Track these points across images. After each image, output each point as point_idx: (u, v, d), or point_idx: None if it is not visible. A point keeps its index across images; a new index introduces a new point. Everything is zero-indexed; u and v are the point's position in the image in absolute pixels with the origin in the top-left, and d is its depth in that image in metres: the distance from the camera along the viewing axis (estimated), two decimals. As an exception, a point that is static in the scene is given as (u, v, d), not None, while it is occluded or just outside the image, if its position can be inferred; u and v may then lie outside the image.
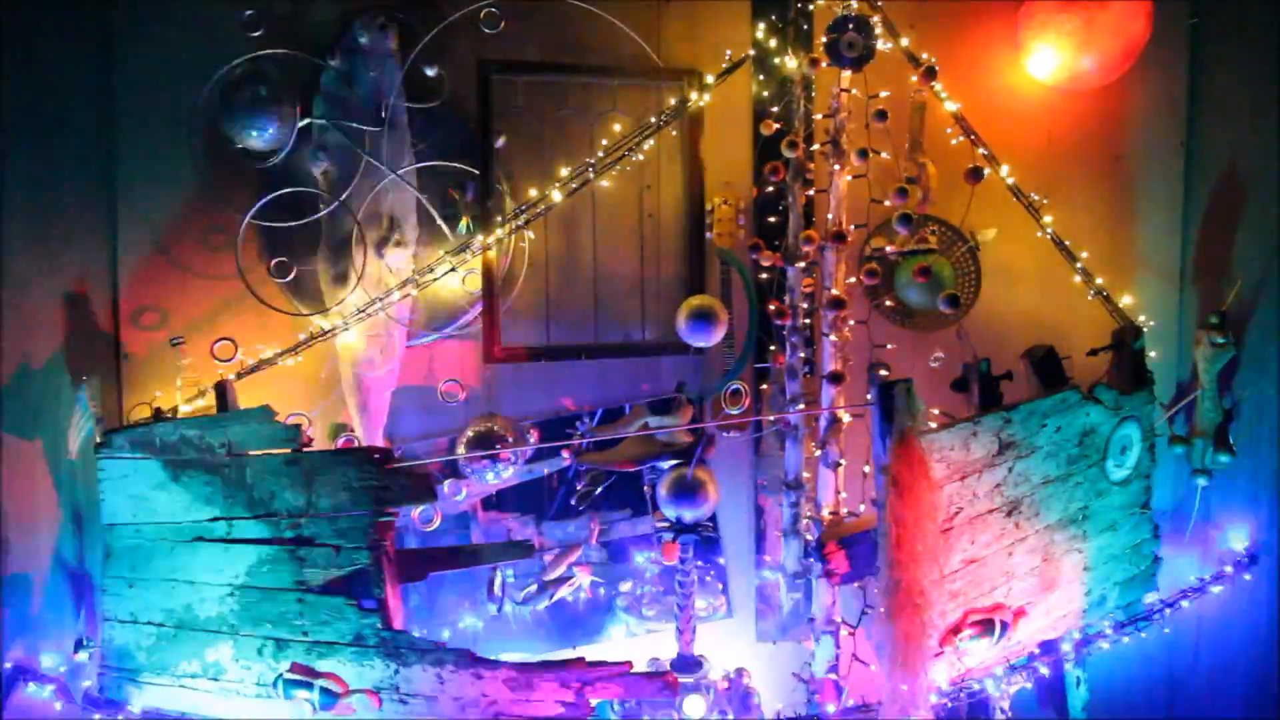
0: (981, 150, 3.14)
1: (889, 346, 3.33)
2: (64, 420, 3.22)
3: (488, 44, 3.34)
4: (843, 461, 3.19)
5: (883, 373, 3.32)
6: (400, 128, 3.34)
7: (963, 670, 3.02)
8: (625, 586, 3.62)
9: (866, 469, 3.26)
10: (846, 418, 3.20)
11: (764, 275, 3.49)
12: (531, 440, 3.46)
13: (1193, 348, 3.64)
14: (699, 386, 3.53)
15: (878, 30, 3.08)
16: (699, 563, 3.39)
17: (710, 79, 3.27)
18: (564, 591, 3.51)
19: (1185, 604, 3.54)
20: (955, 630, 2.94)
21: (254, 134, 3.24)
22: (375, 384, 3.36)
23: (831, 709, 3.13)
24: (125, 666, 3.05)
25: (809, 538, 3.26)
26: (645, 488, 3.43)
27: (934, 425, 2.88)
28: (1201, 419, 3.57)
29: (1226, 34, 3.81)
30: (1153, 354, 3.41)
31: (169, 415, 3.03)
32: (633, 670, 2.81)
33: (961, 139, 3.18)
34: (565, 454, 3.35)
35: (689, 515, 3.22)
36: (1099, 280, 3.33)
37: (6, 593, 3.21)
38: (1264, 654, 3.72)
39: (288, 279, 3.33)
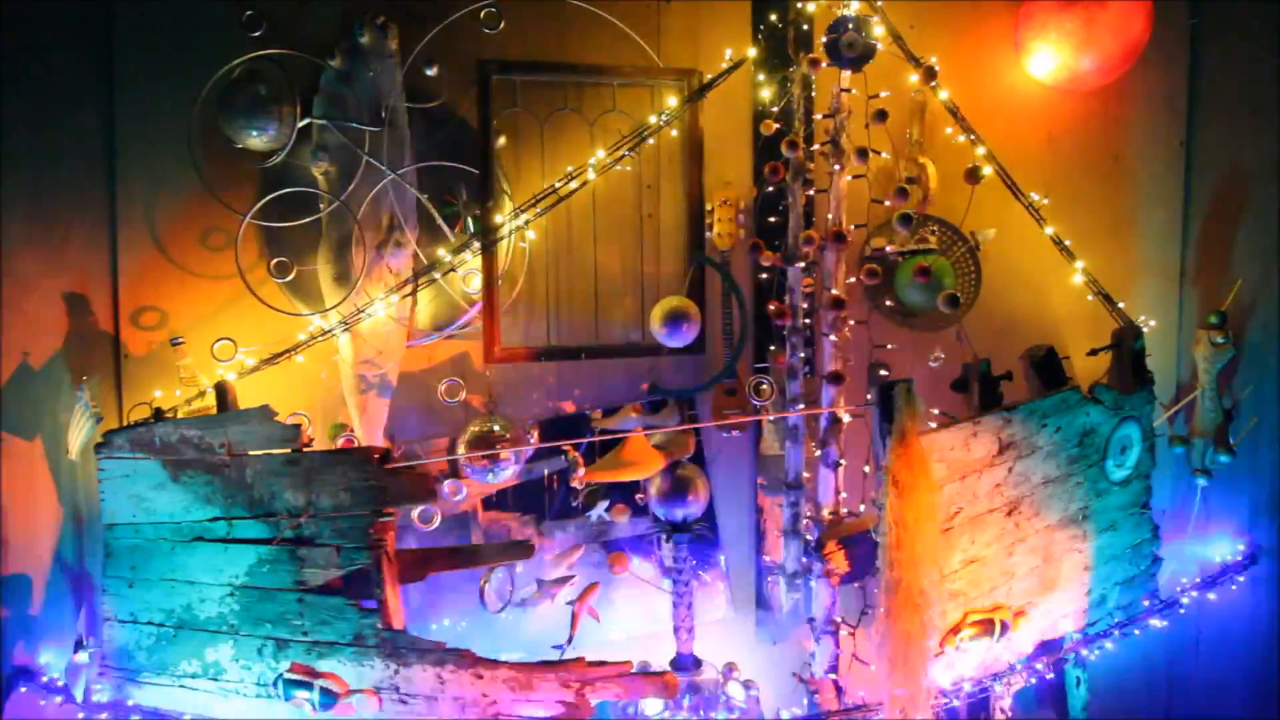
0: (981, 150, 3.15)
1: (889, 346, 3.33)
2: (64, 420, 3.23)
3: (488, 44, 3.34)
4: (843, 461, 3.19)
5: (883, 373, 3.32)
6: (400, 128, 3.34)
7: (963, 670, 3.02)
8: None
9: (866, 469, 3.26)
10: (846, 418, 3.20)
11: (764, 275, 3.49)
12: (531, 440, 3.46)
13: (1193, 348, 3.64)
14: (693, 386, 3.54)
15: (878, 30, 3.08)
16: (693, 561, 3.39)
17: (710, 78, 3.27)
18: (563, 593, 3.50)
19: (1185, 604, 3.54)
20: (955, 630, 2.94)
21: (254, 134, 3.23)
22: (375, 384, 3.36)
23: (831, 709, 3.13)
24: (125, 666, 3.05)
25: (809, 538, 3.26)
26: (638, 495, 3.43)
27: (934, 425, 2.88)
28: (1201, 419, 3.57)
29: (1226, 34, 3.81)
30: (1152, 354, 3.41)
31: (169, 415, 3.03)
32: (633, 670, 2.82)
33: (962, 139, 3.18)
34: (574, 480, 3.31)
35: (679, 514, 3.23)
36: (1099, 280, 3.34)
37: (6, 593, 3.22)
38: (1264, 654, 3.73)
39: (288, 279, 3.32)
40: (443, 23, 3.27)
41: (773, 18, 3.44)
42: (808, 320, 3.32)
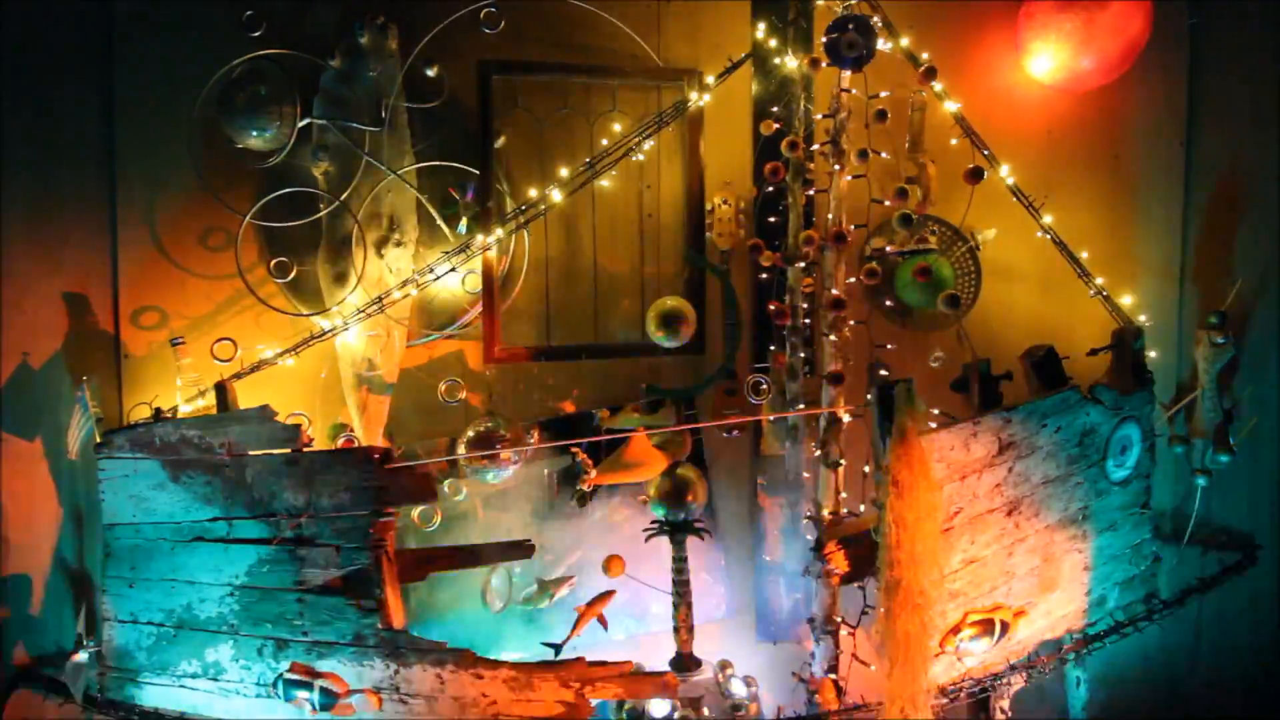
0: (982, 150, 3.14)
1: (889, 346, 3.32)
2: (64, 420, 3.23)
3: (488, 44, 3.34)
4: (843, 461, 3.19)
5: (883, 373, 3.32)
6: (400, 128, 3.34)
7: (963, 670, 3.02)
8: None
9: (866, 469, 3.26)
10: (846, 418, 3.20)
11: (764, 275, 3.49)
12: (532, 440, 3.46)
13: (1193, 348, 3.64)
14: (689, 386, 3.54)
15: (878, 30, 3.07)
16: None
17: (710, 79, 3.27)
18: (564, 591, 3.50)
19: (1185, 604, 3.54)
20: (955, 630, 2.94)
21: (254, 134, 3.24)
22: (375, 384, 3.36)
23: (831, 709, 3.13)
24: (125, 666, 3.05)
25: (809, 538, 3.26)
26: (641, 498, 3.42)
27: (934, 425, 2.88)
28: (1201, 419, 3.57)
29: (1226, 34, 3.81)
30: (1153, 354, 3.41)
31: (169, 415, 3.03)
32: (633, 670, 2.82)
33: (961, 139, 3.18)
34: (584, 483, 3.29)
35: (679, 514, 3.23)
36: (1099, 280, 3.33)
37: (6, 593, 3.22)
38: (1264, 654, 3.72)
39: (288, 279, 3.32)
40: (443, 23, 3.27)
41: (773, 18, 3.44)
42: (808, 320, 3.32)
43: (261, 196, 3.31)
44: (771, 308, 3.37)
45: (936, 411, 3.04)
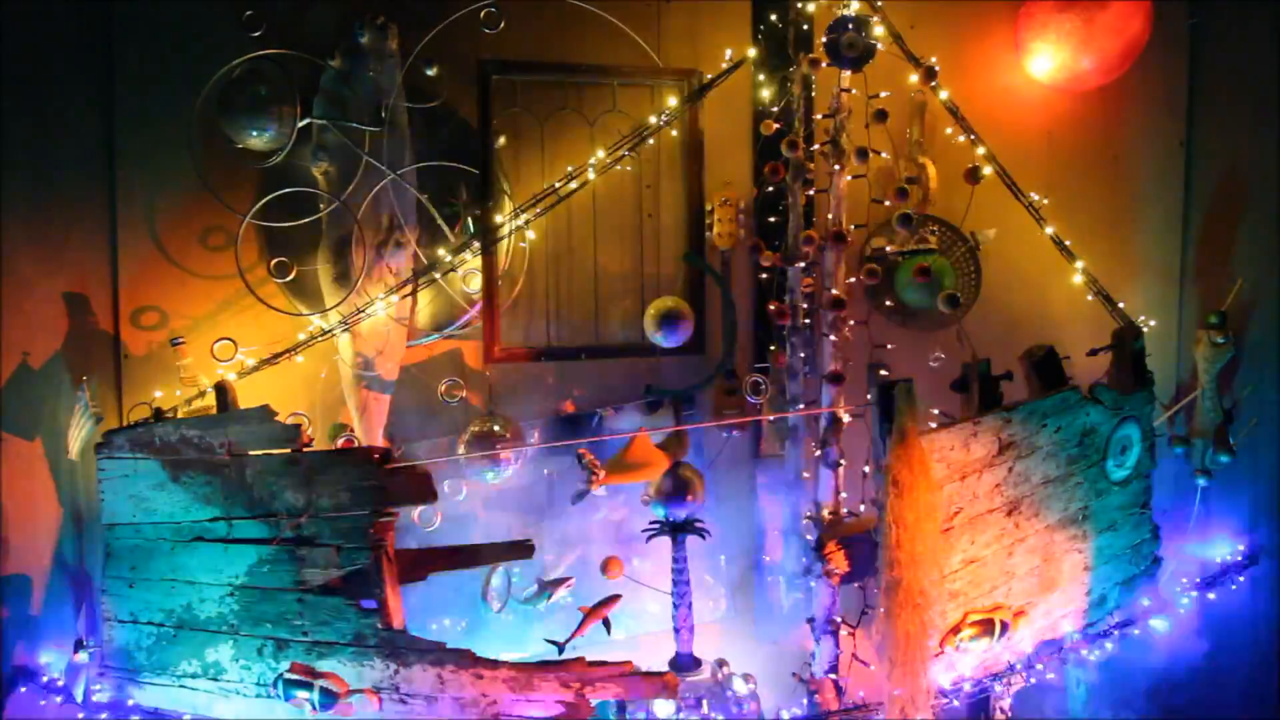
0: (981, 150, 3.15)
1: (889, 346, 3.32)
2: (64, 420, 3.22)
3: (488, 44, 3.34)
4: (843, 461, 3.19)
5: (883, 373, 3.32)
6: (400, 128, 3.34)
7: (963, 670, 3.02)
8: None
9: (866, 469, 3.26)
10: (846, 418, 3.20)
11: (764, 275, 3.49)
12: (532, 440, 3.46)
13: (1193, 348, 3.64)
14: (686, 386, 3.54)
15: (878, 30, 3.08)
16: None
17: (710, 78, 3.27)
18: (562, 592, 3.50)
19: (1185, 604, 3.54)
20: (955, 630, 2.94)
21: (254, 134, 3.24)
22: (375, 384, 3.36)
23: (832, 709, 3.13)
24: (125, 666, 3.05)
25: (809, 538, 3.26)
26: (643, 497, 3.43)
27: (934, 425, 2.88)
28: (1201, 419, 3.57)
29: (1226, 34, 3.81)
30: (1152, 354, 3.41)
31: (169, 415, 3.03)
32: (633, 670, 2.81)
33: (962, 139, 3.18)
34: (593, 487, 3.26)
35: (680, 513, 3.23)
36: (1099, 280, 3.33)
37: (6, 593, 3.22)
38: (1264, 654, 3.73)
39: (288, 279, 3.32)
40: (443, 23, 3.27)
41: (773, 18, 3.44)
42: (808, 320, 3.33)
43: (261, 196, 3.30)
44: (771, 308, 3.37)
45: (936, 411, 3.04)
